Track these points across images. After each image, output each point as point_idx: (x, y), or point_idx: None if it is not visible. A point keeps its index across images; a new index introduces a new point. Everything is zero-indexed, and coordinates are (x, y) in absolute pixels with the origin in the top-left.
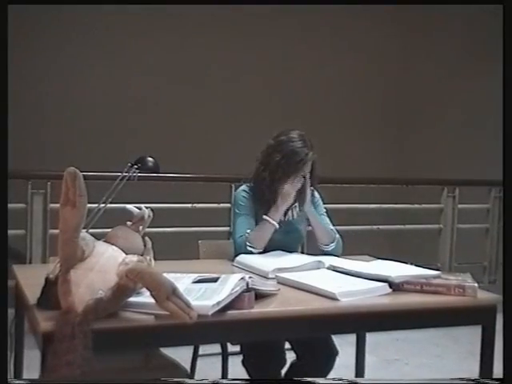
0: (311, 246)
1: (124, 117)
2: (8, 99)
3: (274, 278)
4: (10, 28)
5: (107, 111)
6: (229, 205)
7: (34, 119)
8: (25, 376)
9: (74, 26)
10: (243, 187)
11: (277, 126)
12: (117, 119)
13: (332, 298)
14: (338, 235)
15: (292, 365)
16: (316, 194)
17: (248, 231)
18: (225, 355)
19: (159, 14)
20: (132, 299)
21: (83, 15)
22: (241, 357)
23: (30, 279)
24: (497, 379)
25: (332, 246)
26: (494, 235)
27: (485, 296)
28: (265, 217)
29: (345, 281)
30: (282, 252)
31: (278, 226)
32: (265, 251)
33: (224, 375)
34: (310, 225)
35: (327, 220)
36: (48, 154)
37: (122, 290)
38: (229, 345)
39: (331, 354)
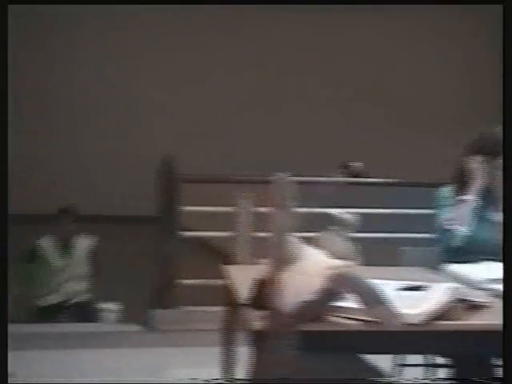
0: None
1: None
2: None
3: (485, 289)
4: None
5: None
6: (432, 211)
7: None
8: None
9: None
10: (447, 187)
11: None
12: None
13: None
14: None
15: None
16: None
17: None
18: (430, 367)
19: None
20: (338, 304)
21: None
22: (445, 370)
23: (240, 279)
24: (497, 379)
25: None
26: None
27: None
28: (458, 197)
29: None
30: (493, 262)
31: (474, 202)
32: (477, 259)
33: None
34: None
35: None
36: (252, 159)
37: (328, 294)
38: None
39: None
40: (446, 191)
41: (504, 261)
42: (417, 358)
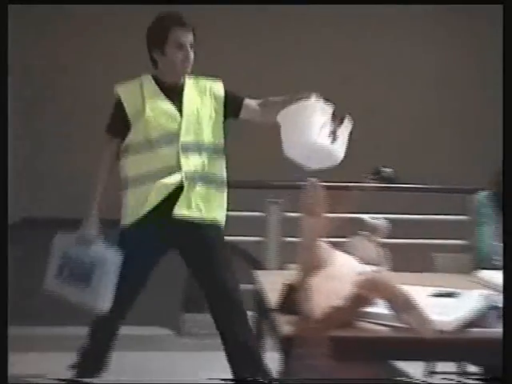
0: None
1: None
2: (6, 99)
3: None
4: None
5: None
6: (466, 217)
7: None
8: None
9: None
10: (485, 193)
11: None
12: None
13: None
14: None
15: None
16: None
17: (493, 242)
18: (462, 375)
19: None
20: (369, 310)
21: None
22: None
23: (269, 284)
24: (497, 379)
25: None
26: None
27: None
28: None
29: None
30: None
31: None
32: None
33: None
34: None
35: None
36: (279, 164)
37: (359, 299)
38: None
39: None
40: (484, 198)
41: (504, 261)
42: (449, 366)
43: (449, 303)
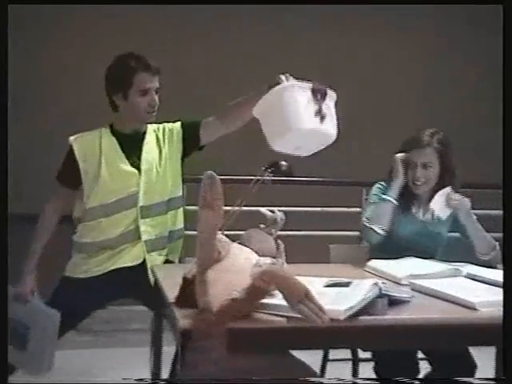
0: (463, 254)
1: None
2: (9, 101)
3: (407, 285)
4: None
5: None
6: (359, 209)
7: None
8: (163, 371)
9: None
10: (379, 184)
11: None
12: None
13: (470, 307)
14: (497, 243)
15: (426, 377)
16: (467, 199)
17: (380, 232)
18: (355, 361)
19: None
20: (265, 301)
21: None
22: (371, 363)
23: (168, 278)
24: (497, 379)
25: (492, 255)
26: None
27: None
28: (383, 196)
29: (484, 290)
30: (416, 258)
31: (394, 201)
32: (400, 256)
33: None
34: (463, 234)
35: (480, 226)
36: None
37: (256, 291)
38: (359, 351)
39: (469, 368)
40: (376, 189)
41: (504, 260)
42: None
43: (342, 292)
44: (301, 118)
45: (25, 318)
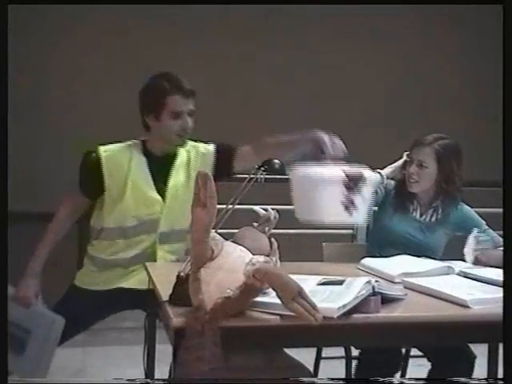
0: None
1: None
2: (8, 101)
3: (400, 283)
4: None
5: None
6: None
7: None
8: (156, 369)
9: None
10: None
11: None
12: (243, 119)
13: (463, 305)
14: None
15: (428, 375)
16: (465, 208)
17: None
18: (348, 359)
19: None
20: (258, 299)
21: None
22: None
23: (161, 276)
24: (497, 379)
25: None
26: None
27: None
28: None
29: (476, 288)
30: (409, 256)
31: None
32: (393, 254)
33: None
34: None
35: (491, 234)
36: None
37: (249, 289)
38: (353, 349)
39: (469, 357)
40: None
41: (504, 261)
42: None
43: (335, 291)
44: (327, 212)
45: (26, 322)
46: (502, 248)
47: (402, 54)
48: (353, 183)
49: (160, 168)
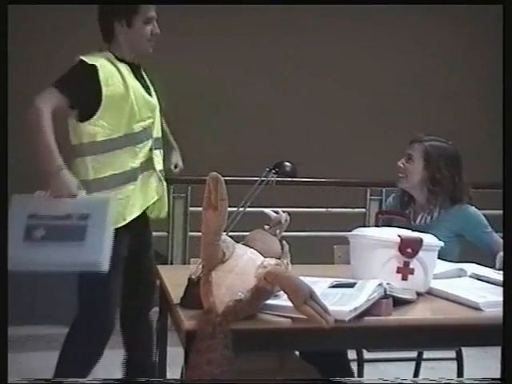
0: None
1: (258, 120)
2: (8, 101)
3: None
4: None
5: (245, 114)
6: (364, 210)
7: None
8: (168, 372)
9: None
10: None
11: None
12: (253, 122)
13: (475, 307)
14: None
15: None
16: (466, 210)
17: None
18: (360, 362)
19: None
20: (270, 302)
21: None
22: (376, 364)
23: (172, 279)
24: (497, 379)
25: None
26: None
27: None
28: None
29: (489, 290)
30: None
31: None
32: None
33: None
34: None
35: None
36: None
37: (260, 292)
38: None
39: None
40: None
41: (504, 260)
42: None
43: (346, 293)
44: (380, 276)
45: (79, 209)
46: None
47: (401, 54)
48: (410, 248)
49: (139, 75)
